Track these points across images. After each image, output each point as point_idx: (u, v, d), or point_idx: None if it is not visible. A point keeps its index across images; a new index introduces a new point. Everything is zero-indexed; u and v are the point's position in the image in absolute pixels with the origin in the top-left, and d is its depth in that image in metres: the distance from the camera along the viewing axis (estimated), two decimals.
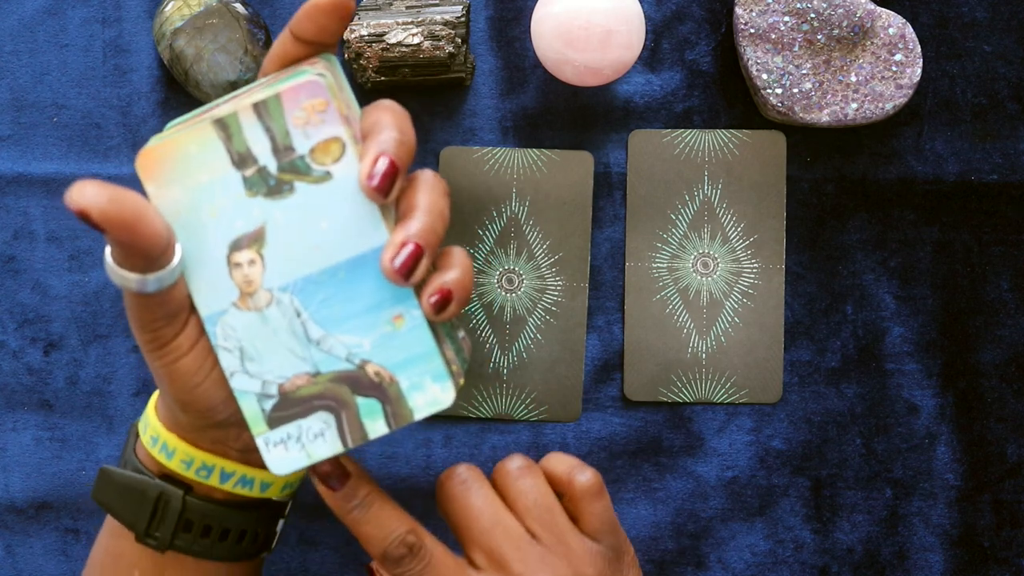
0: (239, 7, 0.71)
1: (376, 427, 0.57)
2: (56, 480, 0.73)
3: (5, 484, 0.73)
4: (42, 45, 0.73)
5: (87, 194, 0.50)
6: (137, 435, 0.62)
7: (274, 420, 0.57)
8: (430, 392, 0.56)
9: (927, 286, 0.73)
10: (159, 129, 0.73)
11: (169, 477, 0.60)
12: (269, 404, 0.56)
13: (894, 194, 0.73)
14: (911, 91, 0.70)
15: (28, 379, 0.73)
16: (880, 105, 0.70)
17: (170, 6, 0.70)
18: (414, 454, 0.73)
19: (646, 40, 0.73)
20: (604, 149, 0.73)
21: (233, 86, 0.71)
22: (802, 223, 0.73)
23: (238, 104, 0.54)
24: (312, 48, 0.56)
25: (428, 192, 0.55)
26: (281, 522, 0.64)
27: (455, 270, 0.56)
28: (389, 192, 0.53)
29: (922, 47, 0.73)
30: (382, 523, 0.58)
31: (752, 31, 0.70)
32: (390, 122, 0.54)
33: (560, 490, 0.62)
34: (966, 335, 0.73)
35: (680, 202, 0.73)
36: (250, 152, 0.54)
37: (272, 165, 0.54)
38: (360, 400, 0.56)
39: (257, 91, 0.55)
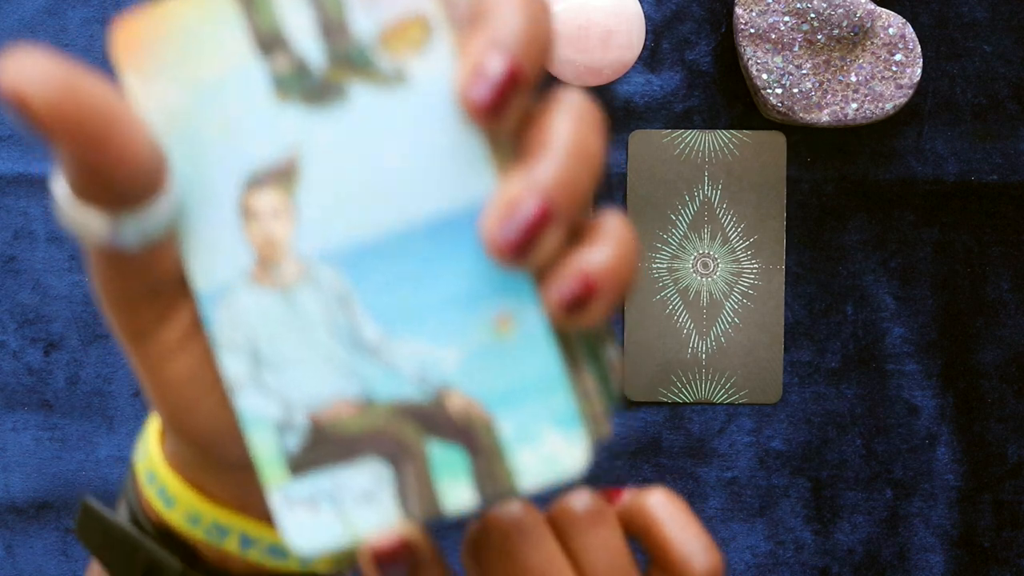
0: None
1: (457, 493, 0.36)
2: (56, 480, 0.73)
3: (5, 484, 0.73)
4: (42, 45, 0.73)
5: (28, 71, 0.32)
6: None
7: (300, 464, 0.37)
8: (549, 445, 0.36)
9: (927, 287, 0.73)
10: None
11: (170, 532, 0.43)
12: (294, 440, 0.37)
13: (894, 194, 0.73)
14: (911, 91, 0.70)
15: (28, 379, 0.73)
16: (880, 105, 0.70)
17: None
18: None
19: (646, 40, 0.73)
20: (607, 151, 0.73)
21: None
22: (802, 223, 0.73)
23: None
24: None
25: (571, 120, 0.35)
26: None
27: (605, 246, 0.35)
28: (503, 111, 0.34)
29: (922, 47, 0.73)
30: None
31: (752, 31, 0.70)
32: (515, 1, 0.34)
33: (664, 565, 0.42)
34: (966, 335, 0.73)
35: (680, 202, 0.73)
36: (283, 31, 0.36)
37: (317, 53, 0.36)
38: (435, 447, 0.37)
39: None
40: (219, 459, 0.40)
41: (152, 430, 0.43)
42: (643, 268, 0.73)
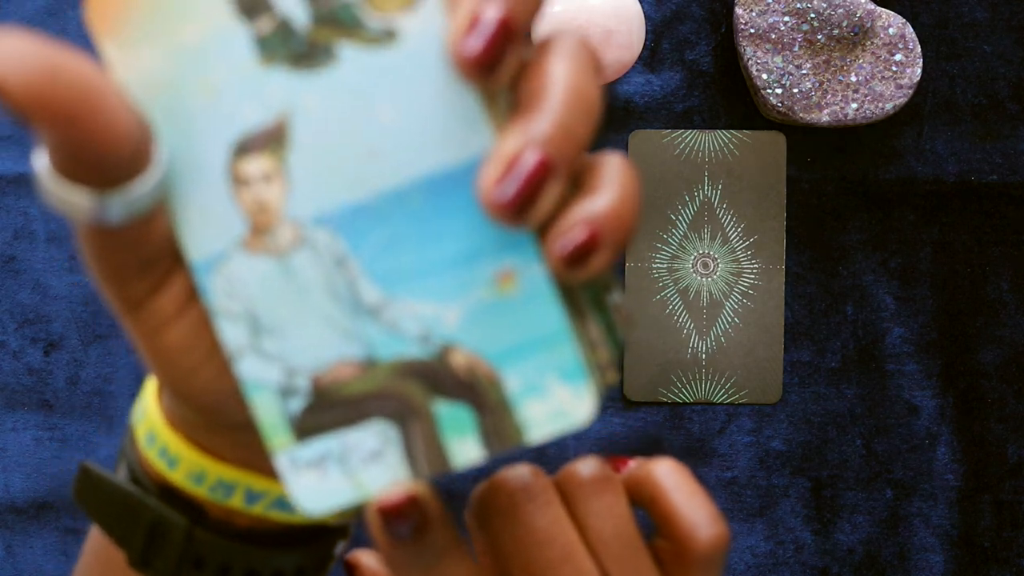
0: None
1: (465, 449, 0.36)
2: (56, 480, 0.73)
3: (5, 484, 0.73)
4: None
5: (4, 54, 0.30)
6: None
7: (305, 429, 0.37)
8: (555, 398, 0.36)
9: (927, 286, 0.73)
10: None
11: (174, 491, 0.42)
12: (297, 404, 0.37)
13: (894, 194, 0.73)
14: (911, 91, 0.70)
15: (28, 379, 0.73)
16: (880, 105, 0.70)
17: None
18: None
19: (646, 40, 0.73)
20: (604, 149, 0.73)
21: None
22: (802, 223, 0.73)
23: None
24: None
25: (567, 65, 0.34)
26: (341, 544, 0.44)
27: (607, 192, 0.34)
28: (497, 65, 0.32)
29: (922, 47, 0.73)
30: None
31: (752, 31, 0.70)
32: None
33: (670, 534, 0.41)
34: (966, 335, 0.73)
35: (680, 202, 0.73)
36: None
37: (302, 14, 0.35)
38: (441, 406, 0.36)
39: None
40: (222, 421, 0.39)
41: (149, 390, 0.42)
42: (643, 268, 0.73)
